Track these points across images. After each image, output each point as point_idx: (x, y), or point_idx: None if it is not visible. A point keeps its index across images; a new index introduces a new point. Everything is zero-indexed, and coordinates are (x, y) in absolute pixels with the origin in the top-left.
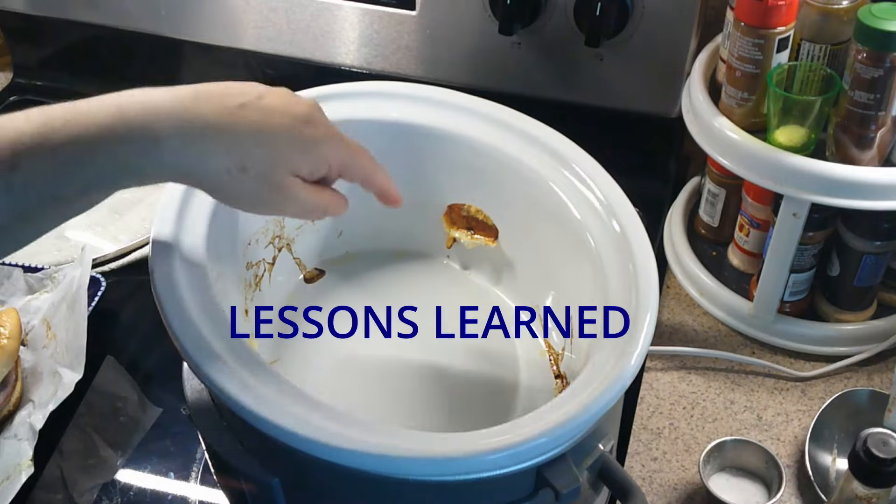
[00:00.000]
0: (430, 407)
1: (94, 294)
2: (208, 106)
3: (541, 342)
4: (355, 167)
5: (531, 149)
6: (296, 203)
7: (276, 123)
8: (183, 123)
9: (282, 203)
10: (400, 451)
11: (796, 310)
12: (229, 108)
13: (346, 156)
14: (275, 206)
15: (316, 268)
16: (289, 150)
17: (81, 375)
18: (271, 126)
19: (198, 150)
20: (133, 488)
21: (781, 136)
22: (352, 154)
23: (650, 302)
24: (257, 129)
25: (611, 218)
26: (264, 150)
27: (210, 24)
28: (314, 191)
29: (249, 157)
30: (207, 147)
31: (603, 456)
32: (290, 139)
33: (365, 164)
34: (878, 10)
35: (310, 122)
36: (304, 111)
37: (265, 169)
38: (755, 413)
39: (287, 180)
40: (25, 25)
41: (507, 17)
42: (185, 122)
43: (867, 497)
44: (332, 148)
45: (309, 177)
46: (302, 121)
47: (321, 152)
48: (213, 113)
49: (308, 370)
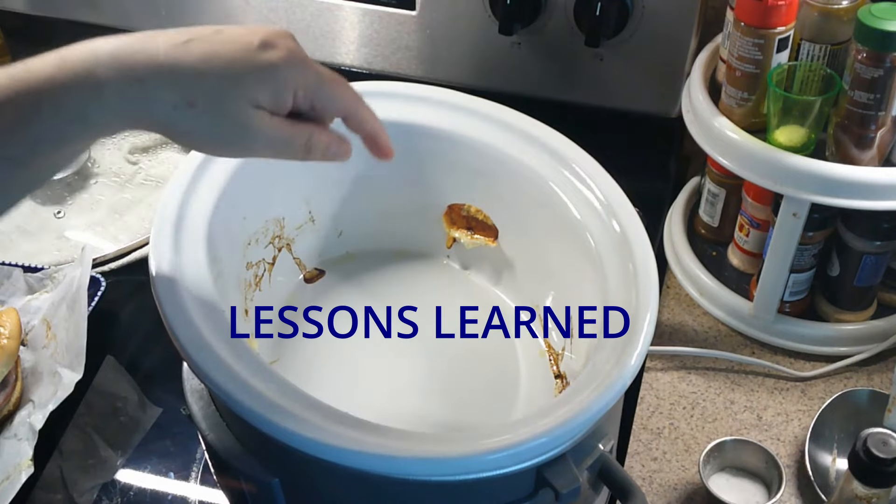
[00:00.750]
0: (430, 407)
1: (94, 294)
2: (154, 43)
3: (541, 342)
4: (330, 96)
5: (531, 149)
6: (262, 137)
7: (226, 51)
8: (125, 64)
9: (245, 138)
10: (400, 451)
11: (796, 310)
12: (176, 44)
13: (314, 82)
14: (239, 142)
15: (316, 268)
16: (240, 78)
17: (81, 375)
18: (219, 55)
19: (140, 88)
20: (133, 488)
21: (781, 136)
22: (322, 80)
23: (650, 302)
24: (204, 59)
25: (611, 218)
26: (211, 80)
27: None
28: (285, 123)
29: (195, 89)
30: (150, 84)
31: (603, 456)
32: (241, 65)
33: (343, 93)
34: (878, 10)
35: (266, 46)
36: (260, 35)
37: (215, 100)
38: (755, 413)
39: (245, 111)
40: (25, 25)
41: (507, 17)
42: (128, 62)
43: (867, 497)
44: (293, 73)
45: (275, 107)
46: (257, 46)
47: (280, 77)
48: (159, 50)
49: (308, 370)
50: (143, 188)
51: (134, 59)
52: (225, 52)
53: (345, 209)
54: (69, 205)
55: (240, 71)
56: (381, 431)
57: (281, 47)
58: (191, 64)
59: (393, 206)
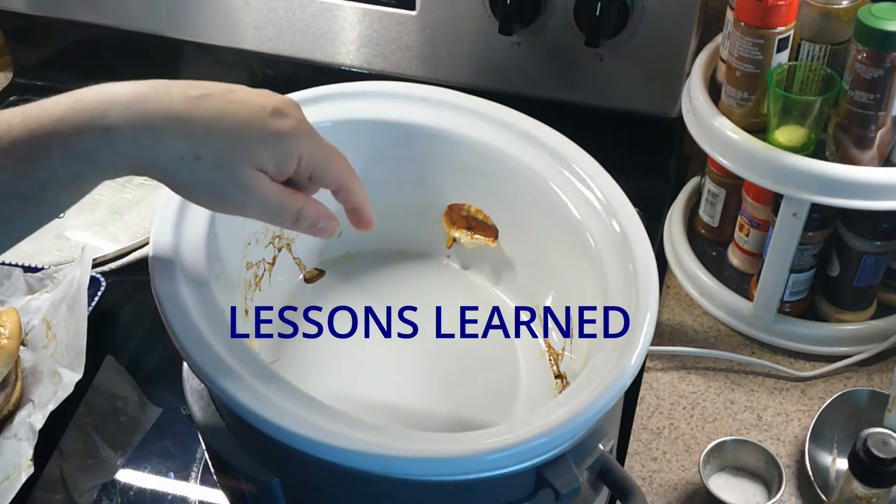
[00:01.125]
0: (431, 407)
1: (94, 294)
2: (168, 95)
3: (541, 342)
4: (328, 169)
5: (531, 149)
6: (258, 200)
7: (239, 112)
8: (138, 111)
9: (242, 198)
10: (400, 451)
11: (796, 310)
12: (191, 98)
13: (317, 155)
14: (235, 201)
15: (316, 268)
16: (249, 140)
17: (81, 375)
18: (232, 114)
19: (151, 137)
20: (133, 488)
21: (781, 136)
22: (325, 153)
23: (650, 302)
24: (216, 117)
25: (611, 218)
26: (221, 138)
27: (210, 24)
28: (282, 190)
29: (205, 144)
30: (161, 134)
31: (603, 456)
32: (252, 129)
33: (340, 167)
34: (878, 10)
35: (277, 114)
36: (272, 103)
37: (222, 157)
38: (755, 413)
39: (247, 172)
40: (25, 25)
41: (507, 17)
42: (141, 110)
43: (867, 497)
44: (300, 143)
45: (276, 173)
46: (269, 112)
47: (287, 146)
48: (173, 101)
49: (308, 370)
50: (143, 188)
51: (147, 108)
52: (237, 113)
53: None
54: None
55: (250, 133)
56: (381, 431)
57: (291, 117)
58: (203, 119)
59: (393, 206)
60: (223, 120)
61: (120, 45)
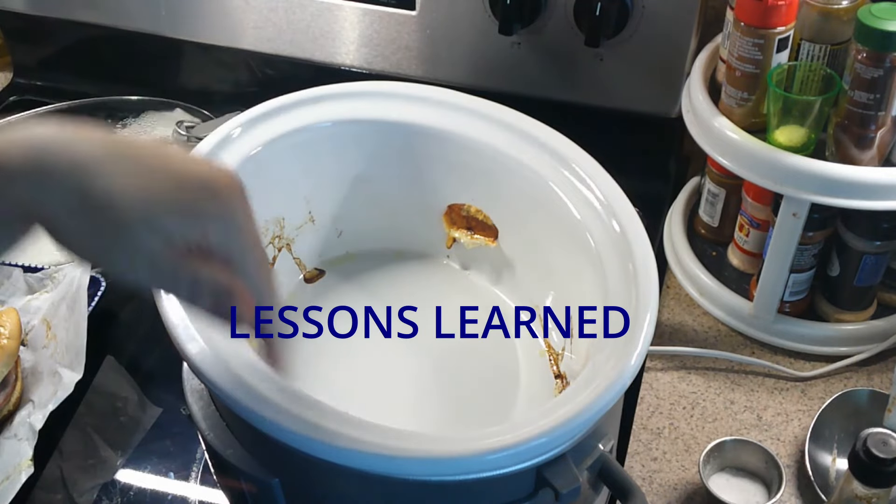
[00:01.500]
0: (430, 407)
1: (94, 294)
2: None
3: (541, 342)
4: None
5: (531, 149)
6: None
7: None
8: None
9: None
10: (400, 451)
11: (796, 310)
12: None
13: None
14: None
15: (316, 268)
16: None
17: (81, 375)
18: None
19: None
20: (133, 488)
21: (781, 136)
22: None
23: (650, 302)
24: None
25: (611, 218)
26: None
27: (210, 24)
28: (181, 255)
29: (94, 187)
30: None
31: (603, 456)
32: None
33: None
34: (878, 10)
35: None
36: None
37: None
38: (755, 413)
39: (146, 242)
40: (25, 25)
41: (507, 17)
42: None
43: (867, 497)
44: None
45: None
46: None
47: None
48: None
49: (308, 370)
50: None
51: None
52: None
53: (345, 209)
54: None
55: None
56: (381, 431)
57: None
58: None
59: (393, 206)
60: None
61: (120, 45)
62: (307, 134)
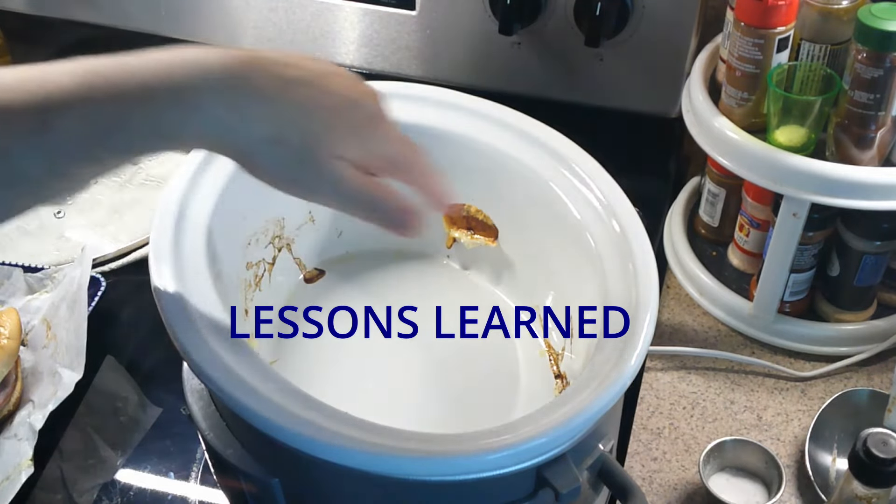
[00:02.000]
0: (430, 407)
1: (94, 294)
2: (262, 75)
3: (541, 342)
4: (408, 165)
5: (531, 149)
6: (333, 187)
7: (329, 103)
8: (229, 91)
9: (317, 184)
10: (400, 451)
11: (796, 310)
12: (284, 81)
13: (398, 150)
14: (309, 186)
15: (316, 268)
16: (335, 132)
17: (81, 375)
18: (322, 105)
19: (237, 117)
20: (133, 488)
21: (781, 136)
22: (405, 151)
23: (650, 302)
24: (305, 104)
25: (611, 218)
26: (308, 125)
27: (210, 24)
28: (362, 178)
29: (290, 130)
30: (248, 115)
31: (603, 456)
32: (339, 121)
33: (419, 166)
34: (878, 10)
35: (366, 109)
36: (363, 96)
37: (305, 144)
38: (755, 413)
39: (329, 161)
40: (25, 25)
41: (507, 17)
42: (232, 91)
43: (867, 497)
44: (384, 137)
45: (357, 165)
46: (359, 106)
47: (371, 143)
48: (265, 83)
49: (308, 370)
50: (144, 188)
51: (239, 89)
52: (327, 104)
53: None
54: (69, 205)
55: (336, 126)
56: (381, 431)
57: (378, 115)
58: (290, 105)
59: None
60: (312, 109)
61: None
62: None
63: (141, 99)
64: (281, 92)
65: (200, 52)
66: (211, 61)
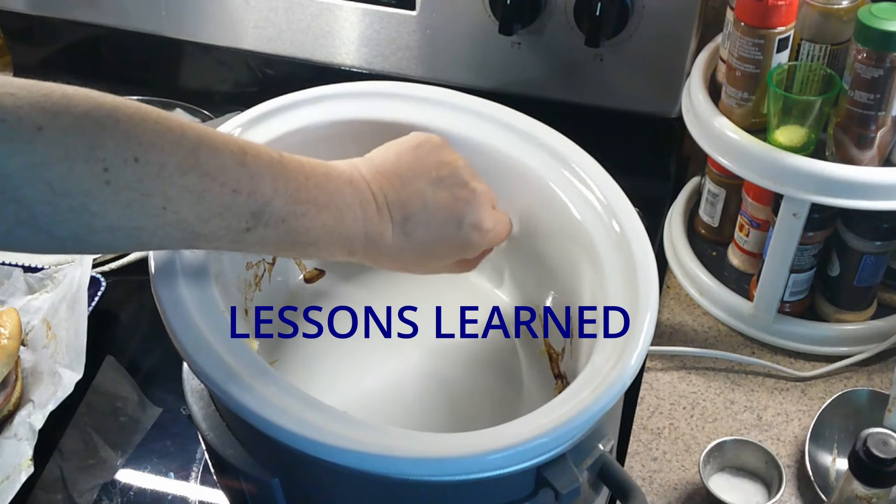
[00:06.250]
0: (430, 407)
1: (94, 294)
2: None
3: (541, 342)
4: None
5: (531, 149)
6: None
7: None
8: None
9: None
10: (400, 451)
11: (796, 310)
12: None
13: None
14: None
15: (316, 268)
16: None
17: (81, 375)
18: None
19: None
20: (133, 488)
21: (781, 136)
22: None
23: (650, 302)
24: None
25: (611, 218)
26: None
27: (210, 24)
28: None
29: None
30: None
31: (603, 456)
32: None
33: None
34: (878, 10)
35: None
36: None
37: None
38: (755, 413)
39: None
40: (25, 25)
41: (507, 17)
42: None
43: (867, 497)
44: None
45: None
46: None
47: (477, 249)
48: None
49: (308, 370)
50: None
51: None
52: (438, 236)
53: None
54: None
55: (449, 252)
56: (381, 431)
57: (485, 230)
58: (412, 250)
59: None
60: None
61: (120, 45)
62: (307, 134)
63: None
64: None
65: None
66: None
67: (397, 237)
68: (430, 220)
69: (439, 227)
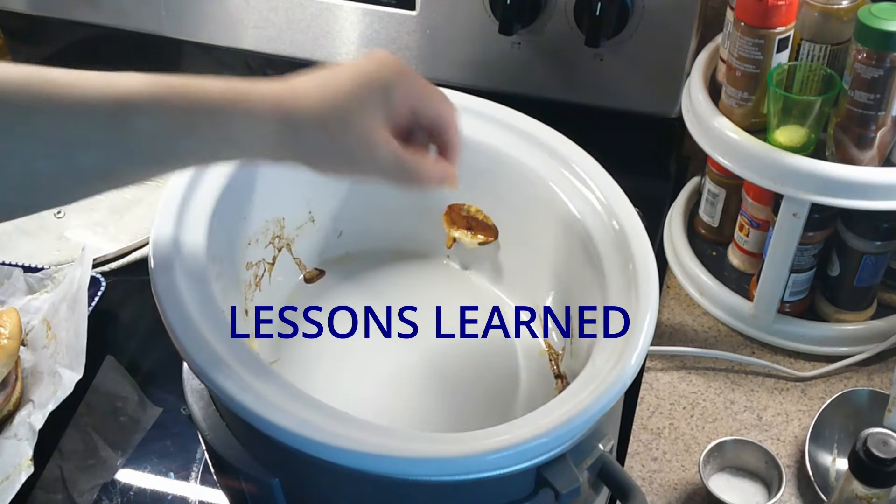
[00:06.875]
0: (430, 407)
1: (94, 294)
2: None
3: (541, 342)
4: (429, 104)
5: (531, 149)
6: (381, 156)
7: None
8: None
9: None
10: (400, 451)
11: (796, 310)
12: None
13: (417, 92)
14: (362, 162)
15: (316, 268)
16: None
17: (81, 375)
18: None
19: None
20: (133, 488)
21: (781, 136)
22: (425, 91)
23: (650, 302)
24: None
25: (611, 218)
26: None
27: (210, 24)
28: (400, 148)
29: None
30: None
31: (603, 456)
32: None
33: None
34: (878, 10)
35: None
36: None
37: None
38: (755, 413)
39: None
40: (25, 25)
41: (507, 17)
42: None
43: (867, 497)
44: (403, 85)
45: (391, 122)
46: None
47: (393, 92)
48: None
49: (308, 370)
50: (144, 188)
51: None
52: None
53: (345, 209)
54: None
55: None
56: (381, 431)
57: (390, 67)
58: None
59: (393, 206)
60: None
61: (120, 45)
62: None
63: (210, 111)
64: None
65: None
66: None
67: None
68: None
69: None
